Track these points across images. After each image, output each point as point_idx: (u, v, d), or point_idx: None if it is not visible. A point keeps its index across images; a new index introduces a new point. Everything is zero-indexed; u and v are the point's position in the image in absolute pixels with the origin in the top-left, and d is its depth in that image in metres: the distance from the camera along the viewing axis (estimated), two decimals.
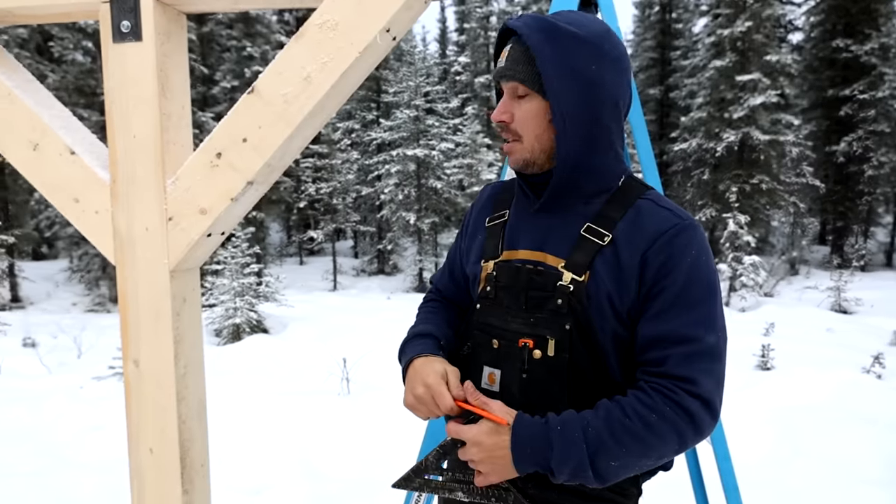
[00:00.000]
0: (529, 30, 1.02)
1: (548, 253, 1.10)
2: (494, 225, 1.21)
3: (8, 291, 15.13)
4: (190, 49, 17.56)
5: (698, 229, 1.05)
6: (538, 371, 1.07)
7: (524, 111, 1.07)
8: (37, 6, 1.26)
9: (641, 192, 1.09)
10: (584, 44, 1.02)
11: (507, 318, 1.11)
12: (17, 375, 6.42)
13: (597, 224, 1.06)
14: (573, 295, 1.05)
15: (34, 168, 1.33)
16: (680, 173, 22.00)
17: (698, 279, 1.01)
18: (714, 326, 1.00)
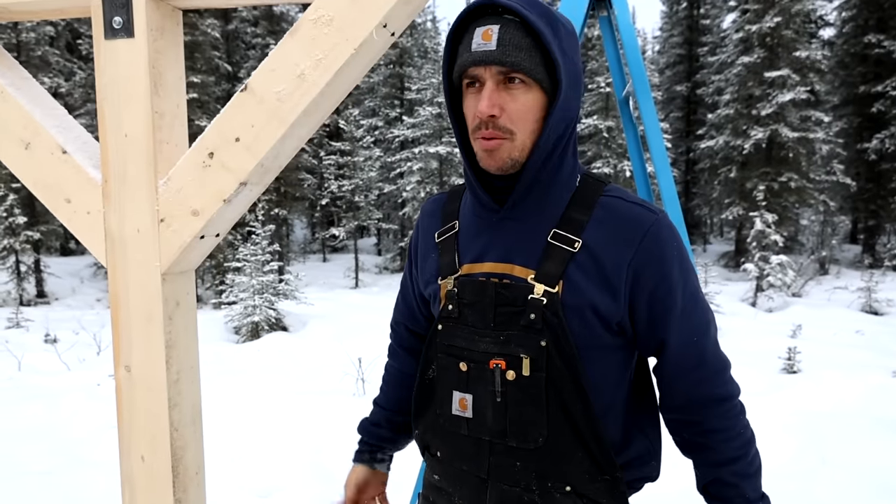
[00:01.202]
0: (530, 12, 0.92)
1: (515, 264, 1.02)
2: (445, 239, 1.12)
3: (34, 287, 15.45)
4: (214, 46, 17.73)
5: (667, 217, 1.02)
6: (513, 393, 1.00)
7: (521, 104, 0.96)
8: (31, 2, 1.24)
9: (601, 189, 1.04)
10: (570, 32, 0.98)
11: (475, 337, 1.03)
12: (36, 372, 6.52)
13: (564, 229, 0.99)
14: (547, 308, 0.98)
15: (26, 167, 1.31)
16: (707, 171, 21.65)
17: (687, 270, 1.01)
18: (705, 305, 1.03)
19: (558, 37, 0.96)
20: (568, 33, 0.98)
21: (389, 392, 1.39)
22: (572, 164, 1.03)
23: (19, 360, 6.95)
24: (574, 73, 0.98)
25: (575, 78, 0.98)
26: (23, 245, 14.87)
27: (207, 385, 5.56)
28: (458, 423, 1.07)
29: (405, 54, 24.51)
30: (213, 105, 16.09)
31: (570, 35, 0.98)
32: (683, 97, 25.95)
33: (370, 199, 21.01)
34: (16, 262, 15.00)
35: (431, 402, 1.13)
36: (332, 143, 20.29)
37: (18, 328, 10.11)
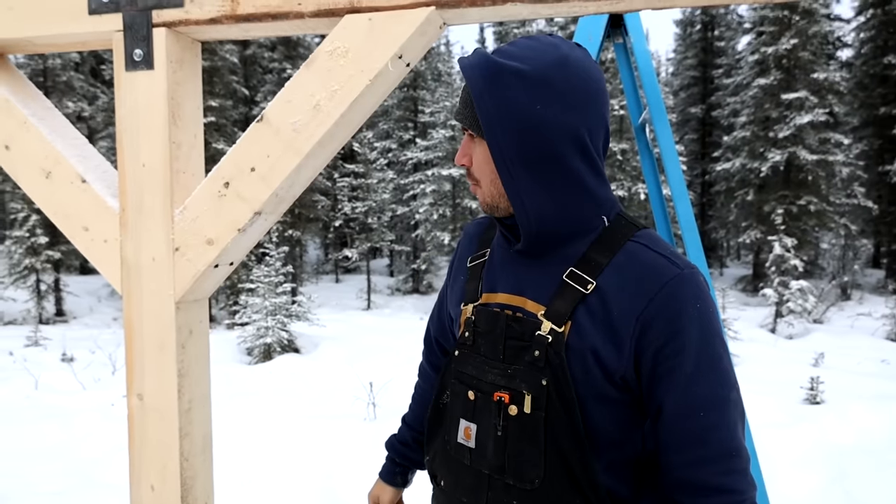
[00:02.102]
0: (470, 70, 0.96)
1: (528, 298, 1.01)
2: (476, 265, 1.13)
3: (53, 306, 15.64)
4: (232, 71, 18.06)
5: (698, 276, 0.95)
6: (514, 429, 0.98)
7: (477, 154, 1.01)
8: (56, 35, 1.26)
9: (631, 233, 0.99)
10: (527, 81, 0.93)
11: (485, 367, 1.02)
12: (52, 391, 6.57)
13: (580, 269, 0.97)
14: (551, 346, 0.95)
15: (46, 196, 1.33)
16: (723, 193, 21.51)
17: (710, 336, 0.92)
18: (726, 380, 0.93)
19: (497, 89, 0.93)
20: (522, 80, 0.92)
21: (417, 411, 1.41)
22: (590, 206, 1.00)
23: (36, 379, 7.01)
24: (515, 119, 0.93)
25: (527, 125, 0.92)
26: (43, 264, 15.10)
27: (219, 407, 5.56)
28: (462, 452, 1.06)
29: (419, 78, 24.81)
30: (230, 128, 16.34)
31: (526, 81, 0.92)
32: (698, 119, 25.94)
33: (383, 220, 21.12)
34: (36, 282, 15.21)
35: (441, 428, 1.12)
36: (345, 165, 20.49)
37: (37, 346, 10.21)
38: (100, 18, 1.22)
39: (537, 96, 0.93)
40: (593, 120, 0.96)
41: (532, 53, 0.96)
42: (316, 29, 1.21)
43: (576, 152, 0.95)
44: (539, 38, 0.99)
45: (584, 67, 0.97)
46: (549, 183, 0.96)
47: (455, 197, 20.20)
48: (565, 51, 0.96)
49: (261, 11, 1.14)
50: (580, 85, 0.95)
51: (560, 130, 0.94)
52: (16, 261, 15.24)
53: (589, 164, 0.97)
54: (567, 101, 0.94)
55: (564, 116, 0.94)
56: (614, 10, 1.08)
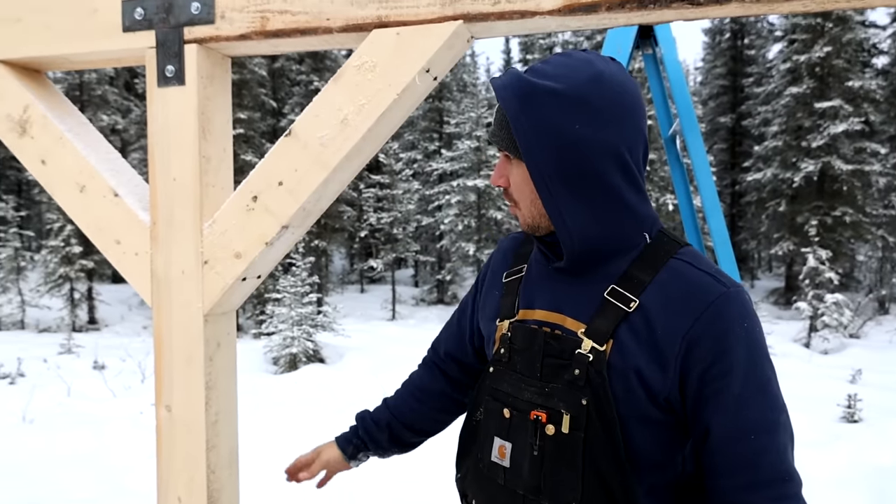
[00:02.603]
0: (504, 91, 0.96)
1: (567, 315, 1.00)
2: (512, 280, 1.12)
3: (86, 314, 16.01)
4: (261, 84, 18.39)
5: (743, 294, 0.92)
6: (550, 449, 0.95)
7: (515, 176, 1.01)
8: (91, 52, 1.29)
9: (674, 251, 0.97)
10: (562, 100, 0.92)
11: (521, 385, 1.01)
12: (84, 398, 6.70)
13: (622, 286, 0.95)
14: (592, 365, 0.93)
15: (80, 210, 1.35)
16: (754, 204, 21.13)
17: (758, 357, 0.90)
18: (776, 403, 0.91)
19: (533, 109, 0.93)
20: (558, 99, 0.92)
21: (403, 397, 1.37)
22: (631, 223, 0.98)
23: (69, 386, 7.17)
24: (553, 138, 0.92)
25: (565, 143, 0.92)
26: (77, 273, 15.47)
27: (245, 417, 5.60)
28: (496, 471, 1.04)
29: (444, 89, 24.94)
30: (258, 140, 16.60)
31: (562, 100, 0.92)
32: (728, 129, 25.57)
33: (408, 231, 21.20)
34: (70, 290, 15.59)
35: (474, 445, 1.10)
36: (371, 176, 20.65)
37: (70, 354, 10.45)
38: (133, 35, 1.24)
39: (574, 115, 0.92)
40: (631, 135, 0.95)
41: (566, 71, 0.95)
42: (344, 44, 1.22)
43: (616, 169, 0.94)
44: (572, 54, 0.98)
45: (619, 82, 0.95)
46: (590, 201, 0.95)
47: (480, 208, 20.20)
48: (600, 66, 0.95)
49: (290, 27, 1.15)
50: (616, 100, 0.94)
51: (599, 148, 0.93)
52: (51, 270, 15.65)
53: (629, 181, 0.96)
54: (604, 117, 0.93)
55: (602, 134, 0.92)
56: (645, 22, 1.06)
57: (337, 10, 1.13)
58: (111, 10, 1.24)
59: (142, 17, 1.22)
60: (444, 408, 1.37)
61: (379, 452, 1.38)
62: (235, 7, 1.18)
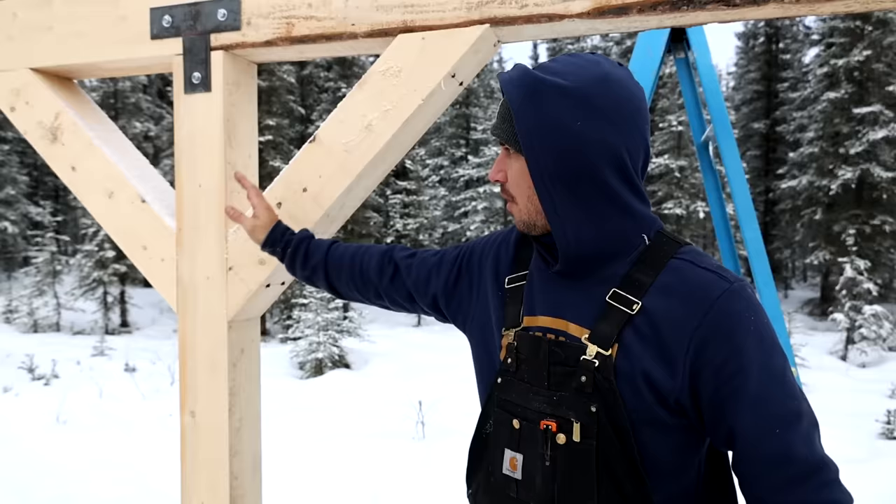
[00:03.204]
0: (510, 85, 0.94)
1: (569, 321, 0.97)
2: (515, 287, 1.08)
3: (118, 317, 16.33)
4: (290, 91, 18.62)
5: (747, 287, 0.90)
6: (563, 459, 0.93)
7: (513, 170, 0.99)
8: (121, 60, 1.30)
9: (674, 250, 0.95)
10: (568, 97, 0.91)
11: (530, 394, 0.99)
12: (115, 400, 6.83)
13: (624, 290, 0.93)
14: (599, 371, 0.91)
15: (108, 215, 1.36)
16: (788, 212, 20.62)
17: (770, 348, 0.87)
18: (793, 392, 0.88)
19: (536, 103, 0.91)
20: (563, 96, 0.90)
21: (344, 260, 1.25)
22: (629, 225, 0.96)
23: (101, 388, 7.30)
24: (554, 134, 0.91)
25: (566, 141, 0.90)
26: (110, 277, 15.80)
27: (271, 422, 5.64)
28: (509, 484, 1.01)
29: (471, 95, 24.95)
30: (286, 146, 16.80)
31: (567, 97, 0.90)
32: (762, 135, 25.07)
33: (434, 237, 21.22)
34: (103, 294, 15.93)
35: (484, 459, 1.07)
36: (398, 182, 20.73)
37: (102, 356, 10.66)
38: (161, 43, 1.25)
39: (578, 113, 0.90)
40: (634, 139, 0.93)
41: (573, 69, 0.93)
42: (370, 49, 1.21)
43: (615, 171, 0.92)
44: (581, 55, 0.96)
45: (625, 86, 0.94)
46: (587, 202, 0.93)
47: (507, 214, 20.12)
48: (607, 68, 0.94)
49: (315, 33, 1.15)
50: (621, 102, 0.92)
51: (600, 148, 0.91)
52: (85, 273, 16.01)
53: (627, 183, 0.94)
54: (608, 118, 0.91)
55: (605, 134, 0.91)
56: (678, 24, 1.03)
57: (362, 16, 1.13)
58: (139, 18, 1.25)
59: (169, 24, 1.23)
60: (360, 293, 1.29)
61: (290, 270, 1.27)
62: (261, 13, 1.18)
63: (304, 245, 1.22)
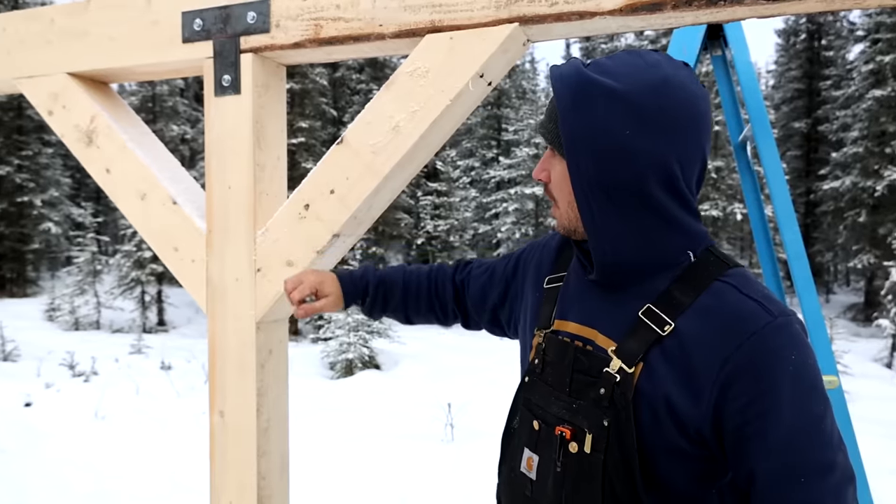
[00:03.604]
0: (559, 82, 0.89)
1: (598, 331, 0.94)
2: (552, 288, 1.07)
3: (155, 315, 16.73)
4: (322, 93, 18.82)
5: (794, 324, 0.83)
6: (572, 467, 0.92)
7: (556, 172, 0.95)
8: (153, 63, 1.32)
9: (721, 272, 0.88)
10: (618, 101, 0.84)
11: (551, 398, 0.97)
12: (151, 397, 6.98)
13: (659, 307, 0.88)
14: (618, 386, 0.87)
15: (141, 216, 1.38)
16: (830, 214, 20.03)
17: (808, 391, 0.81)
18: (829, 441, 0.81)
19: (584, 105, 0.86)
20: (614, 100, 0.84)
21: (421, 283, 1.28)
22: (674, 240, 0.91)
23: (138, 385, 7.48)
24: (599, 140, 0.85)
25: (611, 148, 0.85)
26: (148, 277, 16.20)
27: (301, 421, 5.69)
28: (524, 482, 1.01)
29: (503, 96, 24.88)
30: (318, 148, 16.98)
31: (618, 101, 0.84)
32: (803, 134, 24.41)
33: (465, 238, 21.21)
34: (141, 293, 16.34)
35: (508, 453, 1.08)
36: (428, 183, 20.78)
37: (139, 354, 10.93)
38: (192, 46, 1.26)
39: (627, 120, 0.85)
40: (688, 150, 0.87)
41: (630, 71, 0.87)
42: (397, 50, 1.20)
43: (662, 184, 0.86)
44: (642, 53, 0.90)
45: (686, 92, 0.87)
46: (628, 213, 0.88)
47: (538, 216, 20.00)
48: (668, 71, 0.87)
49: (343, 34, 1.15)
50: (679, 112, 0.86)
51: (647, 160, 0.85)
52: (124, 273, 16.45)
53: (675, 196, 0.88)
54: (660, 127, 0.85)
55: (655, 145, 0.85)
56: (715, 20, 0.99)
57: (390, 16, 1.12)
58: (171, 22, 1.27)
59: (200, 27, 1.24)
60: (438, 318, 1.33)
61: (367, 314, 1.31)
62: (290, 15, 1.18)
63: (380, 291, 1.25)
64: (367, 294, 1.24)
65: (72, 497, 4.08)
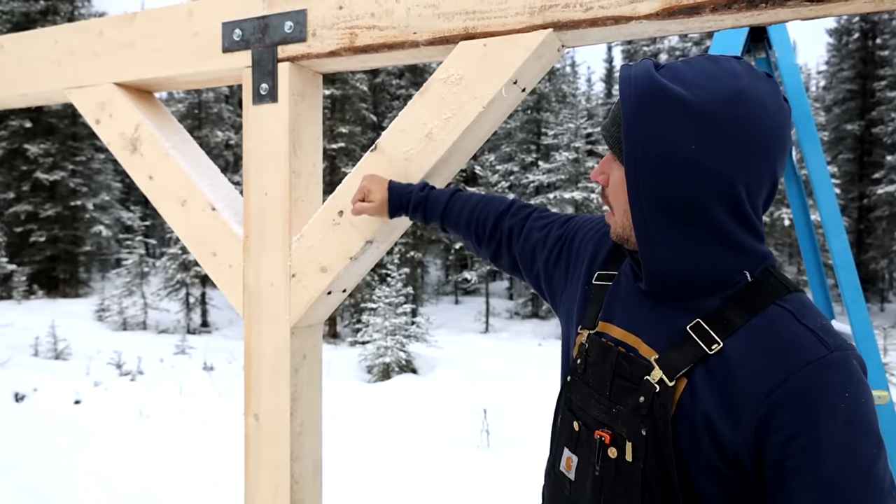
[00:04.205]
0: (627, 84, 0.84)
1: (643, 340, 0.91)
2: (601, 286, 1.03)
3: (199, 317, 17.16)
4: (362, 99, 19.05)
5: (850, 360, 0.78)
6: (610, 473, 0.90)
7: (614, 178, 0.91)
8: (194, 73, 1.36)
9: (779, 295, 0.84)
10: (687, 112, 0.79)
11: (592, 400, 0.95)
12: (193, 397, 7.16)
13: (709, 324, 0.84)
14: (658, 397, 0.85)
15: (181, 222, 1.42)
16: (885, 219, 19.27)
17: (859, 431, 0.76)
18: (878, 486, 0.76)
19: (650, 114, 0.81)
20: (683, 111, 0.79)
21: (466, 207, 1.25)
22: (731, 260, 0.86)
23: (181, 385, 7.68)
24: (662, 153, 0.81)
25: (675, 163, 0.80)
26: (192, 279, 16.64)
27: (337, 423, 5.75)
28: (563, 481, 1.00)
29: (543, 99, 24.72)
30: (358, 153, 17.17)
31: (687, 113, 0.79)
32: (855, 137, 23.54)
33: None
34: (186, 295, 16.80)
35: (552, 450, 1.07)
36: (467, 188, 20.80)
37: (183, 355, 11.24)
38: (232, 56, 1.29)
39: (695, 134, 0.79)
40: (757, 171, 0.82)
41: (704, 80, 0.81)
42: (431, 57, 1.20)
43: (725, 205, 0.81)
44: (720, 60, 0.85)
45: (763, 108, 0.81)
46: (684, 231, 0.84)
47: None
48: (745, 84, 0.81)
49: (377, 42, 1.15)
50: (752, 130, 0.80)
51: (711, 179, 0.81)
52: (170, 275, 16.93)
53: (737, 217, 0.83)
54: (730, 146, 0.80)
55: (721, 165, 0.80)
56: (756, 23, 0.96)
57: (424, 24, 1.12)
58: (212, 33, 1.30)
59: (240, 37, 1.26)
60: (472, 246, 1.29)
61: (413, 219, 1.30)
62: (326, 24, 1.19)
63: (421, 206, 1.21)
64: (407, 206, 1.22)
65: (116, 495, 4.21)
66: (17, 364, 7.86)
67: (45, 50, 1.52)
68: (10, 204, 19.96)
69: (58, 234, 20.20)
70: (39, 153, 19.58)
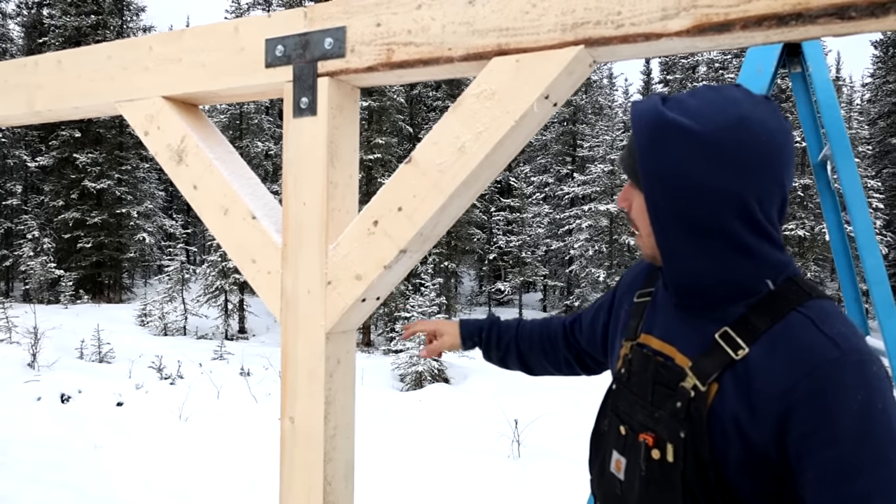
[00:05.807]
0: (638, 121, 0.94)
1: (678, 349, 0.99)
2: (640, 302, 1.14)
3: (237, 323, 17.54)
4: (399, 110, 19.28)
5: (868, 365, 0.81)
6: (654, 473, 0.96)
7: (636, 204, 1.00)
8: (238, 87, 1.42)
9: (800, 302, 0.88)
10: (694, 141, 0.87)
11: (636, 406, 1.03)
12: (230, 401, 7.32)
13: (736, 331, 0.90)
14: (693, 402, 0.91)
15: (223, 230, 1.48)
16: None
17: (873, 433, 0.78)
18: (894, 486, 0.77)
19: (659, 144, 0.90)
20: (689, 139, 0.87)
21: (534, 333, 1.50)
22: (752, 271, 0.91)
23: (218, 390, 7.86)
24: (675, 179, 0.89)
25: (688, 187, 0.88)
26: (231, 286, 17.03)
27: (369, 430, 5.79)
28: (614, 482, 1.07)
29: (579, 112, 24.64)
30: (394, 164, 17.37)
31: (693, 141, 0.87)
32: None
33: (537, 255, 21.04)
34: (224, 301, 17.19)
35: (599, 453, 1.15)
36: (502, 199, 20.78)
37: (221, 360, 11.49)
38: (274, 71, 1.35)
39: (703, 160, 0.87)
40: (766, 186, 0.89)
41: (707, 111, 0.90)
42: (465, 73, 1.24)
43: (739, 219, 0.88)
44: (722, 89, 0.93)
45: (764, 129, 0.88)
46: (704, 245, 0.91)
47: (612, 233, 19.60)
48: (746, 110, 0.89)
49: (413, 58, 1.19)
50: (756, 150, 0.87)
51: (722, 197, 0.88)
52: (209, 282, 17.36)
53: (754, 229, 0.90)
54: (736, 167, 0.87)
55: (730, 184, 0.87)
56: (786, 40, 0.97)
57: (458, 40, 1.15)
58: (256, 49, 1.36)
59: (282, 53, 1.32)
60: (550, 363, 1.51)
61: (486, 355, 1.56)
62: (364, 41, 1.24)
63: (494, 331, 1.50)
64: (480, 333, 1.49)
65: (156, 494, 4.32)
66: (63, 366, 8.15)
67: (99, 65, 1.60)
68: (60, 211, 20.74)
69: (104, 240, 20.89)
70: (88, 162, 20.33)
